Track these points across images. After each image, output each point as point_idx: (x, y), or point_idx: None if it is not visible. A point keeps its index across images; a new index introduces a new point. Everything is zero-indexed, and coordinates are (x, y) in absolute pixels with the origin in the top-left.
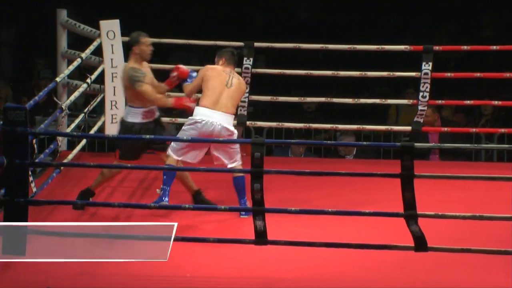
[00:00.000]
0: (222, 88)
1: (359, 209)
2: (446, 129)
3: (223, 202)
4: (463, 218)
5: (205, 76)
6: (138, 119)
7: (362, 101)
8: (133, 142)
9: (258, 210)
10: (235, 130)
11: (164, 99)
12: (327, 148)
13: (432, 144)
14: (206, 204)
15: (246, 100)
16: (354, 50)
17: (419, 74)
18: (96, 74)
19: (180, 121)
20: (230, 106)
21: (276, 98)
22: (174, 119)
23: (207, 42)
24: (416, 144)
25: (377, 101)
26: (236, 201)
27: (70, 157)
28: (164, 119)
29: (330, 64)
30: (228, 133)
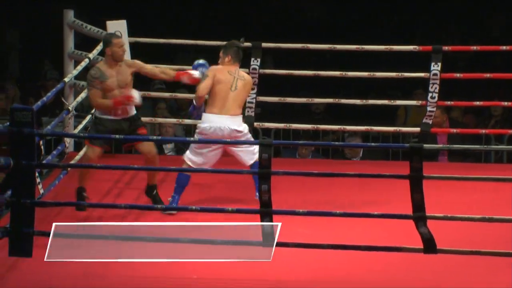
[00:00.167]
0: (227, 92)
1: (367, 210)
2: (455, 130)
3: (230, 202)
4: (473, 220)
5: (214, 78)
6: (108, 116)
7: (371, 102)
8: (106, 132)
9: (266, 211)
10: (245, 128)
11: (106, 103)
12: (335, 149)
13: (441, 145)
14: (156, 201)
15: (254, 101)
16: (362, 51)
17: (428, 74)
18: None
19: (186, 122)
20: (236, 108)
21: (284, 99)
22: (181, 120)
23: (214, 43)
24: (425, 145)
25: (385, 102)
26: (244, 201)
27: (77, 158)
28: (171, 120)
29: (338, 64)
30: (238, 134)
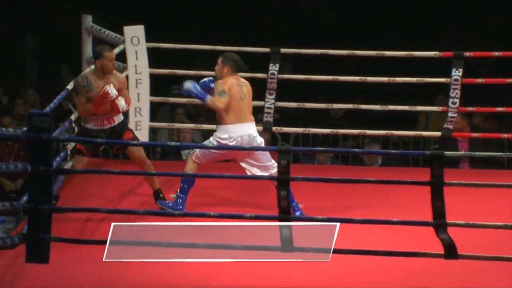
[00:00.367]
0: (239, 102)
1: (387, 217)
2: (476, 134)
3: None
4: (495, 227)
5: (229, 93)
6: (91, 126)
7: (391, 107)
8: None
9: (285, 218)
10: (257, 132)
11: (87, 107)
12: (354, 156)
13: (462, 152)
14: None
15: (273, 106)
16: (382, 56)
17: (449, 80)
18: None
19: (205, 127)
20: (249, 115)
21: (302, 105)
22: (199, 126)
23: (235, 48)
24: (446, 152)
25: (406, 108)
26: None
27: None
28: (189, 126)
29: (358, 69)
30: (255, 140)
